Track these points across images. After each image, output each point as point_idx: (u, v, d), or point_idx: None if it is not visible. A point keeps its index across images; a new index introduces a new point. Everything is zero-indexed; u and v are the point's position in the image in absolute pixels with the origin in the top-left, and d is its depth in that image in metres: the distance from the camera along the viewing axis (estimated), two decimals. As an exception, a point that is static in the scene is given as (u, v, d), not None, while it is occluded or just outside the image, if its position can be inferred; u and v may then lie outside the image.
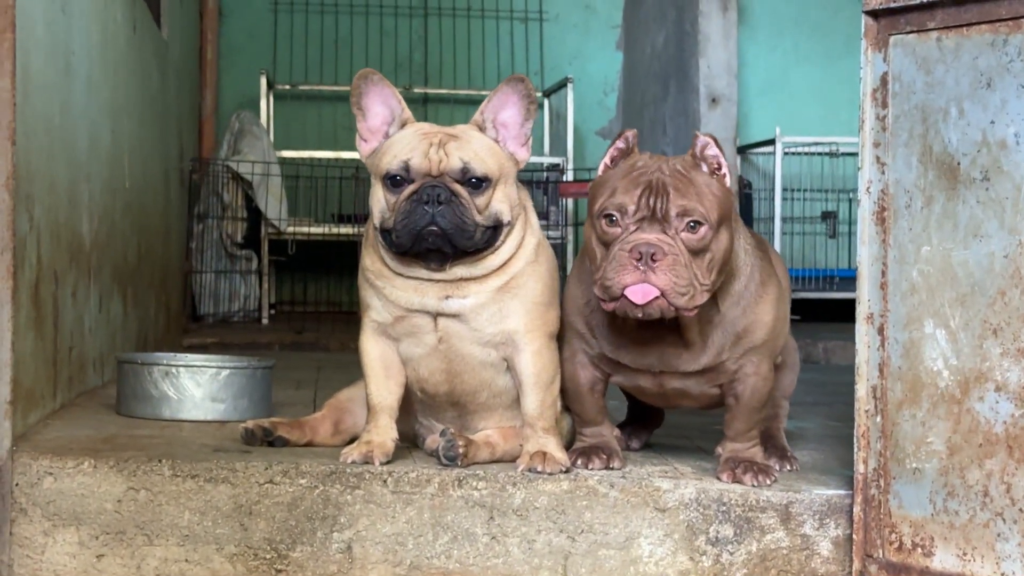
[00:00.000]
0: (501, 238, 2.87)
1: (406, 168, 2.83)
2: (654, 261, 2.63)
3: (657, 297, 2.64)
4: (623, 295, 2.65)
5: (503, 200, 2.87)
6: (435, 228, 2.78)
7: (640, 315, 2.67)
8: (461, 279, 2.86)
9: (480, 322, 2.89)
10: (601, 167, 2.83)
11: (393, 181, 2.84)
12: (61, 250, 3.51)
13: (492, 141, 2.90)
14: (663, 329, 2.79)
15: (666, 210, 2.67)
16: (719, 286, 2.77)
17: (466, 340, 2.90)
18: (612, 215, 2.70)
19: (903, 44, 2.66)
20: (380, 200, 2.87)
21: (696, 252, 2.68)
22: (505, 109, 2.92)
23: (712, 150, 2.77)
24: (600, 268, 2.70)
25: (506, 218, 2.87)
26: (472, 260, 2.85)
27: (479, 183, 2.83)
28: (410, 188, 2.82)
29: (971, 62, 2.54)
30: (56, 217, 3.44)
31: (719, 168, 2.78)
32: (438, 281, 2.86)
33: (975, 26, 2.53)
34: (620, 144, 2.82)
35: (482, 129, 2.91)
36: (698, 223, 2.68)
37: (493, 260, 2.87)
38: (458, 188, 2.81)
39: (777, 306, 2.90)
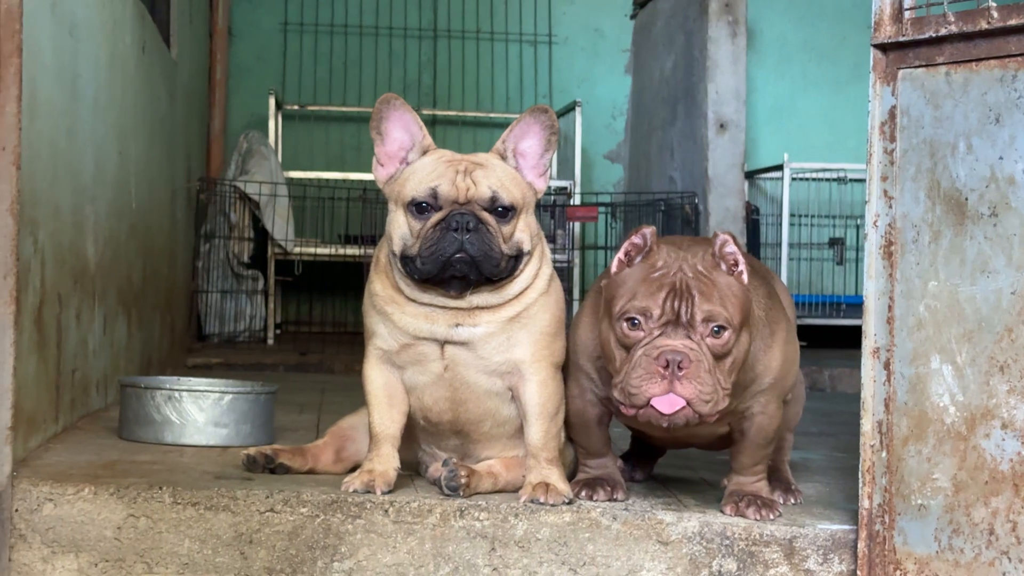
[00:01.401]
0: (521, 267, 2.87)
1: (434, 195, 2.81)
2: (680, 369, 2.58)
3: (684, 407, 2.60)
4: (650, 405, 2.61)
5: (524, 229, 2.87)
6: (463, 255, 2.77)
7: (665, 424, 2.62)
8: (476, 308, 2.85)
9: (487, 350, 2.87)
10: (615, 263, 2.76)
11: (419, 208, 2.82)
12: (65, 273, 3.50)
13: (514, 170, 2.89)
14: None
15: (692, 315, 2.62)
16: None
17: (472, 368, 2.88)
18: (635, 319, 2.64)
19: (911, 78, 2.65)
20: (402, 226, 2.84)
21: (719, 357, 2.63)
22: (526, 139, 2.91)
23: (730, 247, 2.71)
24: (621, 372, 2.65)
25: (527, 247, 2.87)
26: (491, 288, 2.84)
27: (505, 212, 2.83)
28: (438, 215, 2.80)
29: (980, 97, 2.53)
30: (60, 240, 3.43)
31: (736, 265, 2.73)
32: (451, 309, 2.85)
33: (984, 61, 2.52)
34: (636, 240, 2.75)
35: (503, 158, 2.90)
36: (722, 328, 2.63)
37: (511, 289, 2.87)
38: (486, 216, 2.81)
39: (786, 349, 2.88)
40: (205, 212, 7.53)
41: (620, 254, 2.76)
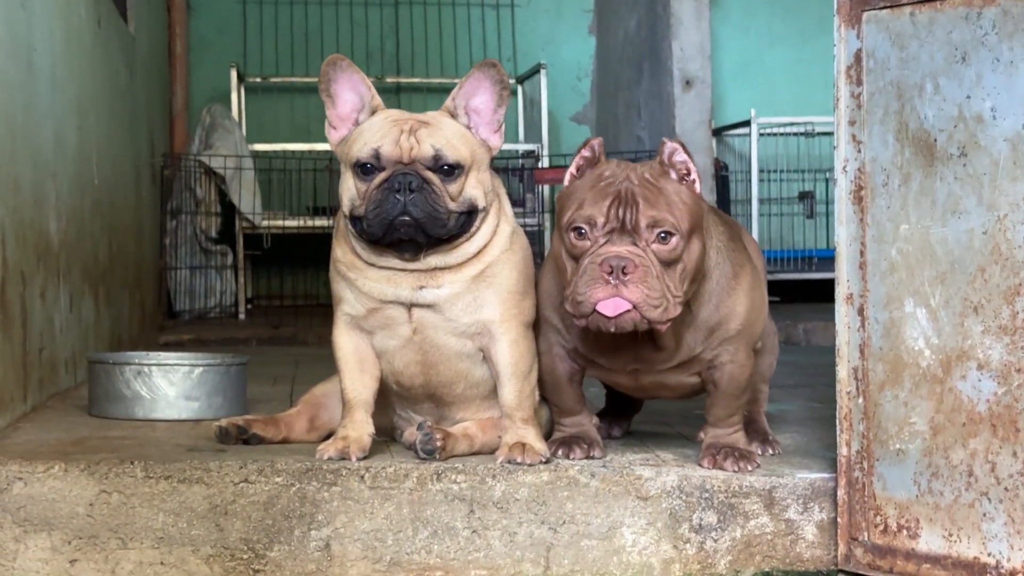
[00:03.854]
0: (476, 224, 2.83)
1: (376, 156, 2.78)
2: (625, 274, 2.57)
3: (629, 310, 2.57)
4: (595, 310, 2.59)
5: (476, 186, 2.82)
6: (407, 217, 2.74)
7: (612, 328, 2.60)
8: (436, 268, 2.82)
9: (455, 312, 2.84)
10: (567, 177, 2.76)
11: (363, 169, 2.79)
12: (28, 251, 3.45)
13: (464, 127, 2.86)
14: (635, 333, 2.72)
15: (636, 221, 2.60)
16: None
17: (441, 331, 2.85)
18: (581, 228, 2.63)
19: (876, 20, 2.62)
20: (350, 188, 2.82)
21: (668, 263, 2.61)
22: (477, 95, 2.87)
23: (680, 156, 2.70)
24: (571, 283, 2.63)
25: (480, 204, 2.83)
26: (446, 248, 2.81)
27: (451, 170, 2.79)
28: (381, 176, 2.77)
29: (945, 36, 2.50)
30: (21, 217, 3.38)
31: (688, 174, 2.70)
32: (412, 271, 2.82)
33: (948, 0, 2.50)
34: (585, 153, 2.74)
35: (454, 115, 2.87)
36: (669, 233, 2.61)
37: (468, 248, 2.83)
38: (430, 175, 2.77)
39: (751, 295, 2.86)
40: (170, 188, 7.45)
41: (572, 168, 2.76)
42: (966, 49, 2.47)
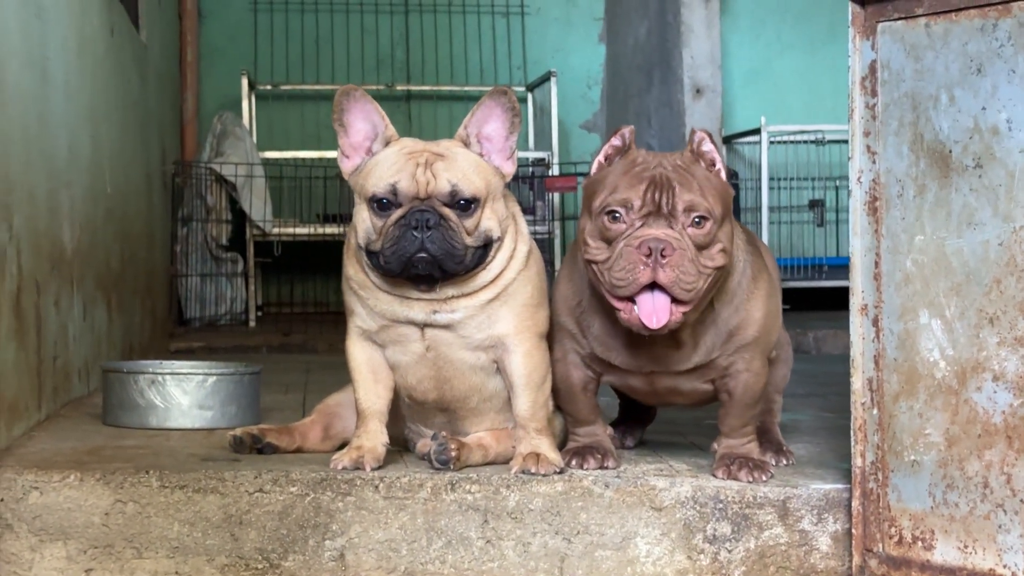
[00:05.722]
0: (491, 255, 2.82)
1: (394, 191, 2.76)
2: (663, 257, 2.60)
3: (667, 323, 2.62)
4: (638, 319, 2.62)
5: (491, 217, 2.81)
6: (424, 255, 2.72)
7: (647, 334, 2.66)
8: (452, 297, 2.81)
9: (469, 329, 2.83)
10: (595, 165, 2.79)
11: (380, 205, 2.77)
12: (42, 259, 3.46)
13: (478, 157, 2.83)
14: None
15: (672, 205, 2.64)
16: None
17: (454, 346, 2.85)
18: (616, 211, 2.66)
19: (891, 31, 2.62)
20: (365, 221, 2.79)
21: (701, 247, 2.65)
22: (489, 123, 2.85)
23: (708, 145, 2.75)
24: (608, 266, 2.65)
25: (495, 235, 2.81)
26: (462, 279, 2.80)
27: (468, 204, 2.77)
28: (398, 213, 2.75)
29: (961, 48, 2.51)
30: (36, 226, 3.39)
31: (713, 164, 2.76)
32: (425, 299, 2.81)
33: (964, 11, 2.50)
34: (616, 141, 2.77)
35: (467, 144, 2.84)
36: (703, 218, 2.65)
37: (484, 276, 2.82)
38: (447, 212, 2.75)
39: (768, 301, 2.87)
40: (181, 195, 7.47)
41: (600, 156, 2.79)
42: (981, 60, 2.47)
